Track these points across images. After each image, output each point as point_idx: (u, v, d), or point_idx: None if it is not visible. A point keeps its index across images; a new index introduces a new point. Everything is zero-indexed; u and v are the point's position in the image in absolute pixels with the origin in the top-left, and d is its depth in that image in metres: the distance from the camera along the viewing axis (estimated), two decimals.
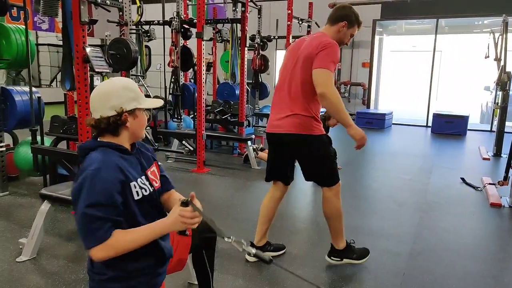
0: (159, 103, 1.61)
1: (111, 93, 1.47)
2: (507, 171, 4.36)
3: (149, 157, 1.63)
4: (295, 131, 2.47)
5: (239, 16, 5.93)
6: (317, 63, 2.36)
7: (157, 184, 1.59)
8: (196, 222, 1.42)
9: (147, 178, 1.54)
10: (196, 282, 2.32)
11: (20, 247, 2.79)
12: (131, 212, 1.44)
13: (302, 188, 4.42)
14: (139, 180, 1.49)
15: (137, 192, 1.46)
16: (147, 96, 5.07)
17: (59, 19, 3.80)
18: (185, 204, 1.41)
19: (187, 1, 6.89)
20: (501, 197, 4.17)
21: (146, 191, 1.50)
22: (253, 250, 1.47)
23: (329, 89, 2.32)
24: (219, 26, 6.65)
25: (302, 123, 2.46)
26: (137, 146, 1.60)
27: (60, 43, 3.73)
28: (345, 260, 2.68)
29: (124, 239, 1.39)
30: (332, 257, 2.70)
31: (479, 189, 4.56)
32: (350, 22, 2.53)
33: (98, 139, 1.51)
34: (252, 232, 3.20)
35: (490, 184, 4.54)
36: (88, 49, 3.30)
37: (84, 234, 1.37)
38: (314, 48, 2.41)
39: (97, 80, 6.41)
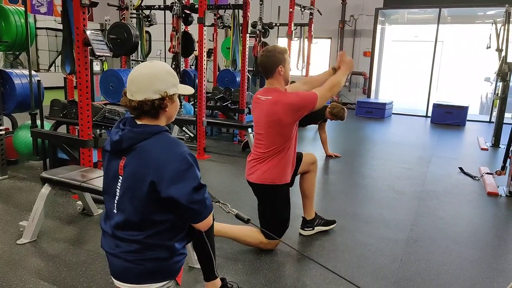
0: (191, 90, 1.68)
1: (158, 76, 1.49)
2: (504, 161, 4.38)
3: None
4: None
5: (241, 2, 5.87)
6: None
7: None
8: None
9: None
10: (197, 266, 2.36)
11: (21, 229, 2.81)
12: None
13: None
14: None
15: None
16: None
17: (57, 1, 3.77)
18: None
19: None
20: (498, 187, 4.20)
21: None
22: (235, 211, 1.93)
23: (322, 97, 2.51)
24: (221, 12, 6.59)
25: None
26: None
27: (59, 27, 3.71)
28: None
29: None
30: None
31: (477, 178, 4.58)
32: (282, 61, 2.55)
33: (138, 122, 1.53)
34: (252, 217, 3.21)
35: (487, 173, 4.57)
36: (88, 32, 3.28)
37: (203, 204, 1.52)
38: (282, 113, 2.49)
39: (96, 65, 6.39)
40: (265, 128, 2.56)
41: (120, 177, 1.51)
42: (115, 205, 1.53)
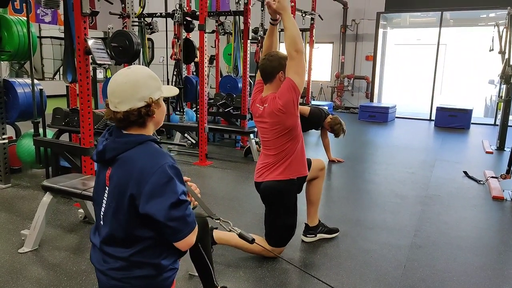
0: (176, 91, 1.60)
1: (140, 82, 1.41)
2: (509, 165, 4.34)
3: None
4: None
5: (242, 8, 5.89)
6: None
7: None
8: (194, 201, 1.62)
9: None
10: (196, 274, 2.33)
11: (22, 238, 2.81)
12: None
13: None
14: None
15: None
16: None
17: (61, 11, 3.80)
18: None
19: None
20: (503, 191, 4.16)
21: None
22: (238, 230, 1.70)
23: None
24: (222, 18, 6.61)
25: None
26: None
27: (63, 35, 3.73)
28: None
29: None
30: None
31: (482, 182, 4.54)
32: (283, 67, 2.51)
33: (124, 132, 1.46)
34: (254, 225, 3.22)
35: (492, 177, 4.52)
36: (90, 41, 3.29)
37: (183, 222, 1.40)
38: (275, 115, 2.45)
39: (99, 73, 6.41)
40: (271, 131, 2.53)
41: (107, 188, 1.46)
42: (101, 216, 1.49)
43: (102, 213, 1.48)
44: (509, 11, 6.21)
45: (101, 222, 1.48)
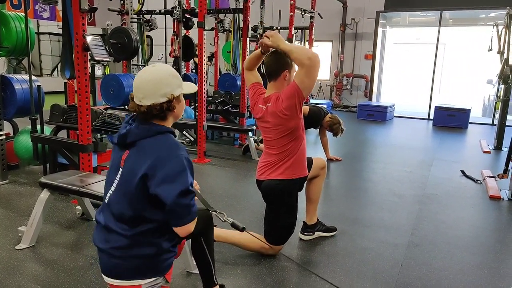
0: (195, 87, 1.74)
1: (162, 80, 1.55)
2: (507, 164, 4.35)
3: None
4: None
5: (241, 6, 5.88)
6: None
7: None
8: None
9: None
10: (195, 271, 2.34)
11: (20, 235, 2.81)
12: None
13: None
14: None
15: None
16: None
17: (60, 7, 3.79)
18: None
19: None
20: (500, 190, 4.17)
21: None
22: (231, 220, 1.93)
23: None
24: (221, 16, 6.60)
25: None
26: None
27: (61, 32, 3.71)
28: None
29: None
30: None
31: (479, 182, 4.55)
32: (289, 66, 2.50)
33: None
34: (252, 222, 3.23)
35: (490, 177, 4.53)
36: (88, 38, 3.28)
37: (187, 210, 1.53)
38: (279, 112, 2.44)
39: (98, 70, 6.39)
40: (274, 131, 2.52)
41: (121, 169, 1.57)
42: (109, 195, 1.59)
43: (110, 192, 1.60)
44: (508, 11, 6.22)
45: (106, 200, 1.60)
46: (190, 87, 1.70)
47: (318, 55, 2.34)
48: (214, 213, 1.88)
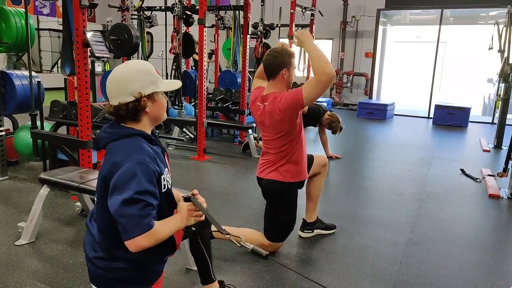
0: (177, 84, 1.60)
1: (128, 78, 1.43)
2: (506, 163, 4.35)
3: (162, 147, 1.62)
4: None
5: (242, 3, 5.87)
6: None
7: (170, 175, 1.59)
8: (201, 215, 1.51)
9: (168, 170, 1.57)
10: (194, 268, 2.35)
11: (19, 231, 2.81)
12: (160, 204, 1.45)
13: None
14: (165, 171, 1.50)
15: (164, 184, 1.48)
16: None
17: (60, 3, 3.78)
18: (187, 199, 1.51)
19: None
20: (500, 189, 4.18)
21: (169, 183, 1.53)
22: (250, 246, 1.71)
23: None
24: (222, 13, 6.58)
25: None
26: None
27: (61, 28, 3.71)
28: None
29: (162, 230, 1.39)
30: None
31: (478, 180, 4.56)
32: (288, 64, 2.49)
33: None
34: (251, 219, 3.23)
35: (489, 175, 4.54)
36: (89, 34, 3.28)
37: (131, 221, 1.32)
38: (279, 113, 2.42)
39: (98, 66, 6.38)
40: (270, 131, 2.53)
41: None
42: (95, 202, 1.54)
43: (95, 199, 1.53)
44: (509, 10, 6.21)
45: (95, 209, 1.54)
46: (172, 84, 1.57)
47: (334, 73, 2.31)
48: (228, 236, 1.65)
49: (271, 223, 2.66)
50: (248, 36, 5.88)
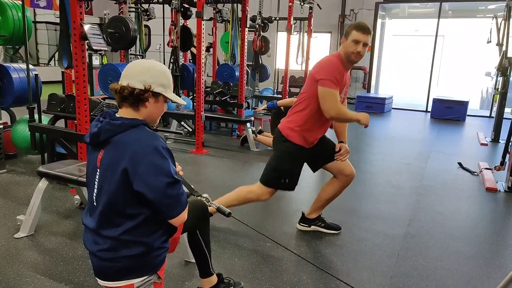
0: (182, 102, 1.74)
1: (148, 70, 1.51)
2: (504, 157, 4.38)
3: None
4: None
5: None
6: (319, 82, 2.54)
7: None
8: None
9: None
10: (193, 260, 2.36)
11: (18, 223, 2.81)
12: None
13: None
14: None
15: None
16: None
17: None
18: None
19: None
20: (497, 182, 4.20)
21: None
22: (216, 205, 2.00)
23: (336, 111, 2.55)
24: (220, 6, 6.56)
25: None
26: None
27: (58, 20, 3.68)
28: None
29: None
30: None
31: (476, 173, 4.58)
32: (347, 34, 2.56)
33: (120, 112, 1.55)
34: (248, 212, 3.24)
35: (486, 169, 4.56)
36: (86, 27, 3.26)
37: (175, 201, 1.48)
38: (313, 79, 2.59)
39: (95, 59, 6.36)
40: (305, 88, 2.69)
41: (98, 170, 1.51)
42: (94, 198, 1.54)
43: (94, 195, 1.54)
44: (507, 3, 6.19)
45: (94, 204, 1.53)
46: (178, 98, 1.64)
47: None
48: (199, 198, 1.92)
49: (268, 163, 2.74)
50: (246, 29, 5.85)
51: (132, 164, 1.42)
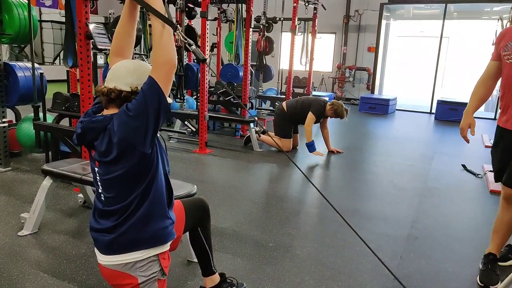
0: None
1: (135, 72, 1.50)
2: None
3: None
4: None
5: None
6: None
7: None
8: None
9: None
10: (195, 260, 2.36)
11: (22, 221, 2.83)
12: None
13: (306, 172, 4.43)
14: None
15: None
16: None
17: None
18: None
19: None
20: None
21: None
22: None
23: None
24: (224, 6, 6.57)
25: None
26: None
27: (64, 20, 3.70)
28: None
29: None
30: None
31: (480, 176, 4.56)
32: None
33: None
34: (252, 213, 3.24)
35: (490, 171, 4.53)
36: (91, 26, 3.27)
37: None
38: None
39: (100, 58, 6.38)
40: None
41: (96, 168, 1.54)
42: (102, 197, 1.57)
43: (101, 192, 1.56)
44: None
45: (103, 198, 1.56)
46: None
47: None
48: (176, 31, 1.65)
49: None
50: (251, 29, 5.86)
51: (113, 126, 1.43)
